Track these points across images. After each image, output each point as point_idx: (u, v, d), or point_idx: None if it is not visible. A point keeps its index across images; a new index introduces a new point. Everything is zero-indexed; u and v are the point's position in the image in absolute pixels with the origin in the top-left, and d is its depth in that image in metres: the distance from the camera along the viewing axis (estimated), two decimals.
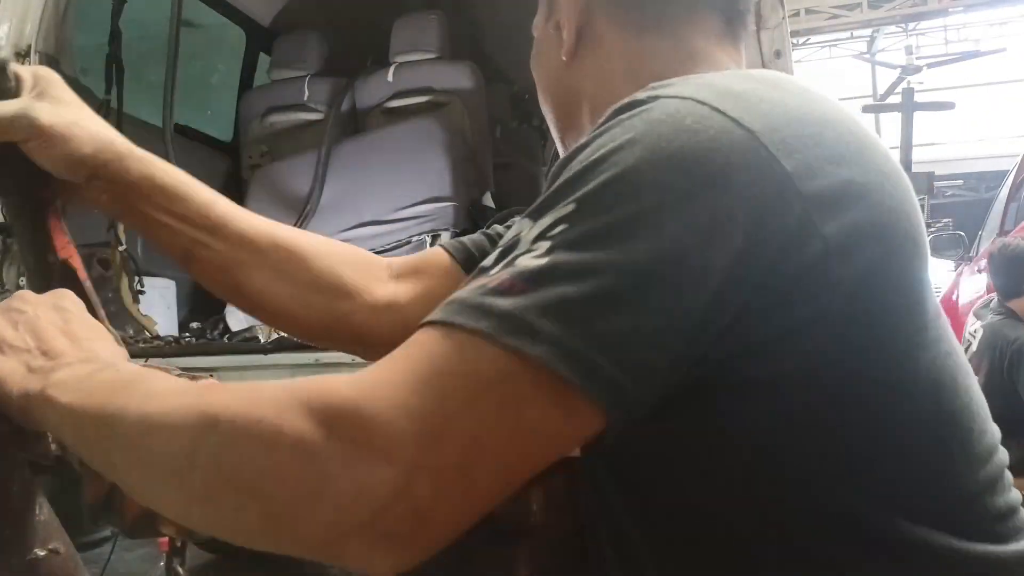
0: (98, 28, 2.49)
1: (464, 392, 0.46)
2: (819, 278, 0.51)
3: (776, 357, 0.52)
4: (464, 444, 0.46)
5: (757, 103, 0.54)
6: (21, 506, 0.59)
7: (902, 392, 0.55)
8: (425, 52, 3.26)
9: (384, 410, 0.45)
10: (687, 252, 0.48)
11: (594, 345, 0.46)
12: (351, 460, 0.44)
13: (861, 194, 0.54)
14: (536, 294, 0.46)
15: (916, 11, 11.10)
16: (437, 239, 2.86)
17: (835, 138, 0.55)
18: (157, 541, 1.73)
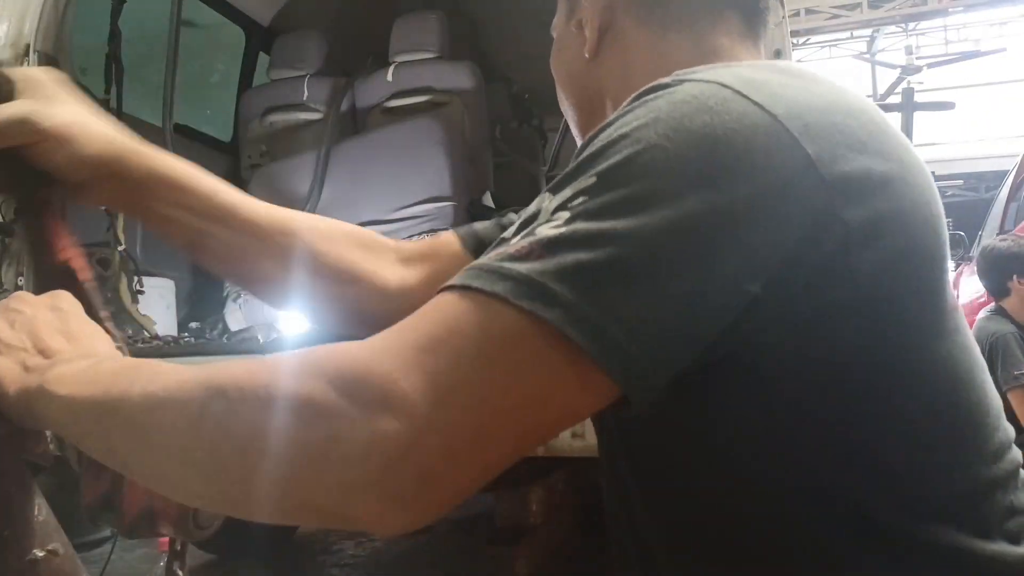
0: (98, 28, 2.49)
1: (478, 353, 0.46)
2: (840, 265, 0.51)
3: (796, 344, 0.52)
4: (475, 404, 0.45)
5: (780, 90, 0.54)
6: (20, 506, 0.59)
7: (919, 382, 0.55)
8: (425, 52, 3.26)
9: (396, 368, 0.45)
10: (704, 230, 0.48)
11: (607, 313, 0.46)
12: (361, 417, 0.44)
13: (883, 182, 0.53)
14: (553, 260, 0.47)
15: (916, 11, 11.11)
16: None
17: (858, 127, 0.55)
18: (156, 541, 1.73)
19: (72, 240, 0.74)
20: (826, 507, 0.55)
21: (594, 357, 0.46)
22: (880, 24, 11.90)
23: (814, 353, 0.52)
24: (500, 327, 0.46)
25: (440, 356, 0.46)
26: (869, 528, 0.54)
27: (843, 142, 0.53)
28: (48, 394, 0.54)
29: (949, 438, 0.57)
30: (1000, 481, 0.59)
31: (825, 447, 0.54)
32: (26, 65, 2.27)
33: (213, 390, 0.48)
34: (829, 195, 0.50)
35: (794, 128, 0.51)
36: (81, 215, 2.47)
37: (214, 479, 0.49)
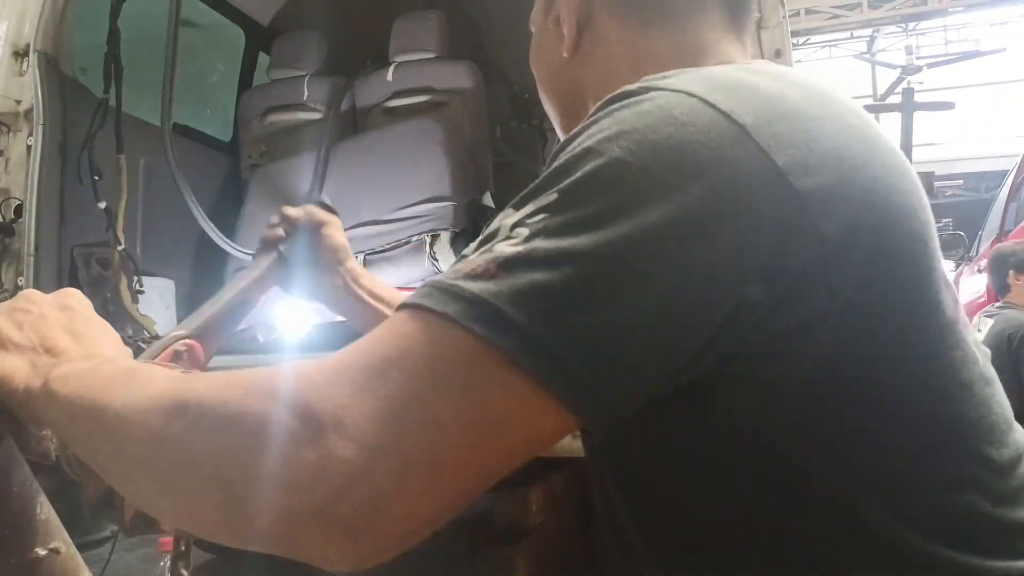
0: (97, 27, 2.48)
1: (429, 375, 0.44)
2: (818, 278, 0.50)
3: (776, 357, 0.51)
4: (428, 426, 0.43)
5: (752, 96, 0.52)
6: (22, 505, 0.59)
7: (908, 395, 0.54)
8: (425, 52, 3.26)
9: (347, 392, 0.44)
10: (667, 245, 0.46)
11: (564, 340, 0.44)
12: (310, 440, 0.42)
13: (863, 190, 0.52)
14: (508, 280, 0.45)
15: (916, 11, 11.10)
16: (436, 239, 2.85)
17: (835, 132, 0.53)
18: (157, 541, 1.73)
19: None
20: (817, 520, 0.53)
21: (549, 388, 0.44)
22: (880, 24, 11.90)
23: (798, 366, 0.51)
24: (452, 349, 0.44)
25: (391, 379, 0.44)
26: (865, 540, 0.53)
27: (819, 149, 0.51)
28: (50, 393, 0.54)
29: (945, 452, 0.55)
30: (1010, 495, 0.57)
31: (812, 459, 0.53)
32: (25, 65, 2.27)
33: (178, 405, 0.47)
34: (802, 207, 0.49)
35: (763, 139, 0.50)
36: (81, 214, 2.47)
37: (174, 495, 0.48)
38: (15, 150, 2.25)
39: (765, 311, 0.49)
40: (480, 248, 0.49)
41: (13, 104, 2.27)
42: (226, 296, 0.79)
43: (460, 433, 0.44)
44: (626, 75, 0.61)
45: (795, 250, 0.49)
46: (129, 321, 2.40)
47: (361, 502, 0.42)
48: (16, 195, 2.22)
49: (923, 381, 0.54)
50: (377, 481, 0.42)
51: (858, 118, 0.57)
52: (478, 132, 3.27)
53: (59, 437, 0.62)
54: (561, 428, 0.47)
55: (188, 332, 0.70)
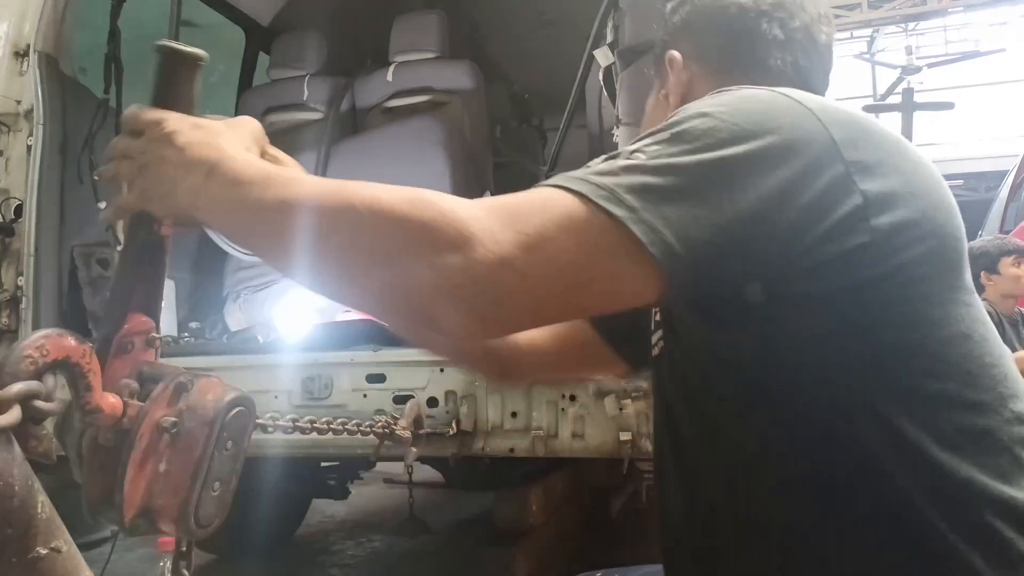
0: (97, 27, 2.49)
1: (559, 226, 0.60)
2: (859, 221, 0.64)
3: (828, 277, 0.65)
4: (549, 258, 0.59)
5: (813, 97, 0.71)
6: (23, 504, 0.59)
7: (933, 327, 0.67)
8: (425, 51, 3.26)
9: (497, 221, 0.59)
10: (745, 171, 0.63)
11: (660, 220, 0.60)
12: (464, 246, 0.58)
13: (896, 169, 0.68)
14: (627, 178, 0.62)
15: (916, 11, 11.10)
16: None
17: (878, 133, 0.71)
18: (157, 541, 1.73)
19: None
20: (859, 428, 0.65)
21: (648, 249, 0.60)
22: (880, 24, 11.90)
23: (841, 285, 0.65)
24: (580, 214, 0.61)
25: (531, 223, 0.60)
26: (900, 451, 0.65)
27: (864, 138, 0.68)
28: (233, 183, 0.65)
29: (964, 381, 0.68)
30: (1019, 440, 0.68)
31: (855, 371, 0.66)
32: (25, 65, 2.27)
33: (352, 201, 0.61)
34: (848, 170, 0.65)
35: (824, 118, 0.67)
36: (81, 214, 2.47)
37: (349, 271, 0.63)
38: (15, 150, 2.25)
39: (815, 236, 0.63)
40: (604, 163, 0.65)
41: (13, 104, 2.27)
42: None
43: (572, 271, 0.61)
44: None
45: (841, 198, 0.64)
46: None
47: (489, 296, 0.59)
48: (16, 195, 2.23)
49: (946, 318, 0.68)
50: (505, 285, 0.59)
51: (889, 131, 0.74)
52: (478, 132, 3.27)
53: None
54: (648, 287, 0.62)
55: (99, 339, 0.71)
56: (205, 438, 0.71)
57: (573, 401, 1.78)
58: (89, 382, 0.65)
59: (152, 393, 0.71)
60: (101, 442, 0.69)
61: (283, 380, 1.98)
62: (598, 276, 0.62)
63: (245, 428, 0.76)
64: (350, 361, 1.95)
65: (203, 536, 0.74)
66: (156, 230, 0.77)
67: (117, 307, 0.75)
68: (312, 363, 1.96)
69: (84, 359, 0.65)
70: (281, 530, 3.45)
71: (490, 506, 2.74)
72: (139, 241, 0.77)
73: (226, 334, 2.87)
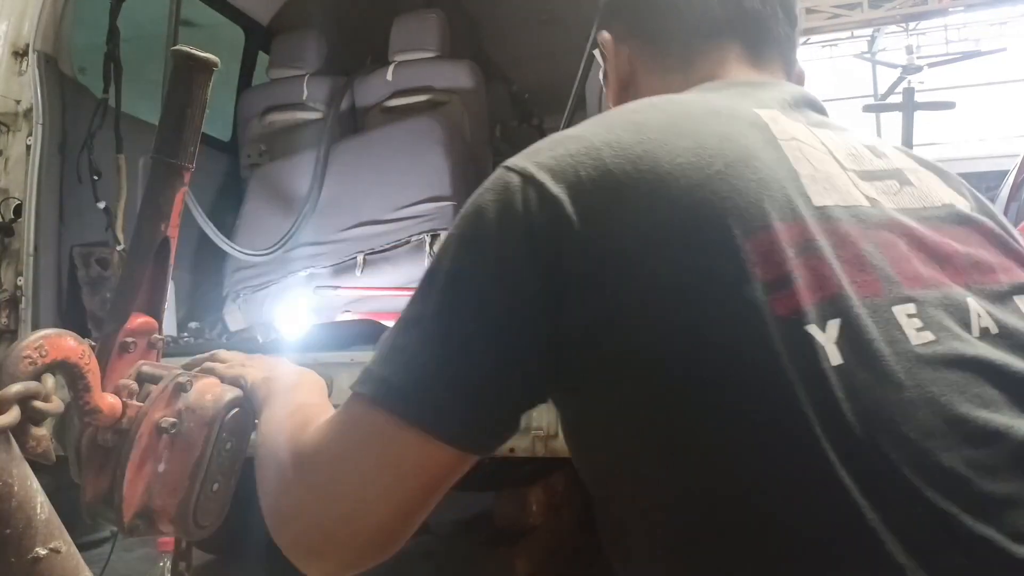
0: (97, 27, 2.48)
1: (345, 439, 0.63)
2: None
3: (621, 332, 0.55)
4: (354, 483, 0.60)
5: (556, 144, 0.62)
6: (22, 505, 0.59)
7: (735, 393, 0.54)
8: (424, 51, 3.26)
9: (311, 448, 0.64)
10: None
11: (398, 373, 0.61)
12: (293, 488, 0.64)
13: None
14: (379, 351, 0.64)
15: (916, 11, 11.10)
16: (436, 239, 2.85)
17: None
18: (157, 541, 1.73)
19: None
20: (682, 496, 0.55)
21: (398, 414, 0.59)
22: (880, 24, 11.89)
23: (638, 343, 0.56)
24: (356, 415, 0.64)
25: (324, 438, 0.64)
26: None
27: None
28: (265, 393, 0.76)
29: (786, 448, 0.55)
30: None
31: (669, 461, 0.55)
32: (25, 65, 2.27)
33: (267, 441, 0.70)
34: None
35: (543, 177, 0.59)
36: (80, 214, 2.46)
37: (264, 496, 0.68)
38: (15, 150, 2.25)
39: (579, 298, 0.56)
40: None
41: (13, 104, 2.27)
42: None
43: (377, 482, 0.60)
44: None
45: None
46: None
47: (320, 535, 0.61)
48: (16, 195, 2.22)
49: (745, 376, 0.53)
50: (328, 520, 0.61)
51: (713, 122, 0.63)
52: (478, 132, 3.27)
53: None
54: (434, 455, 0.59)
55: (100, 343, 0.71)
56: (204, 438, 0.71)
57: None
58: (88, 382, 0.65)
59: (151, 393, 0.71)
60: (100, 442, 0.69)
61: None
62: (400, 473, 0.60)
63: (244, 428, 0.76)
64: (350, 361, 1.94)
65: (202, 536, 0.74)
66: (162, 230, 0.77)
67: (121, 306, 0.75)
68: (312, 363, 1.96)
69: (83, 359, 0.65)
70: None
71: (490, 506, 2.74)
72: (145, 241, 0.77)
73: (226, 334, 2.87)
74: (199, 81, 0.75)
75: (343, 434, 0.62)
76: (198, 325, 2.92)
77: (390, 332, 0.63)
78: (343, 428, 0.62)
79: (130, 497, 0.67)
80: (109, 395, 0.68)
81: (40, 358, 0.61)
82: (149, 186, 0.78)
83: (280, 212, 3.05)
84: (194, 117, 0.77)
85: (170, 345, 2.28)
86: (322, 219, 3.01)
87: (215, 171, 3.39)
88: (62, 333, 0.64)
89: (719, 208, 0.55)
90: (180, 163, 0.78)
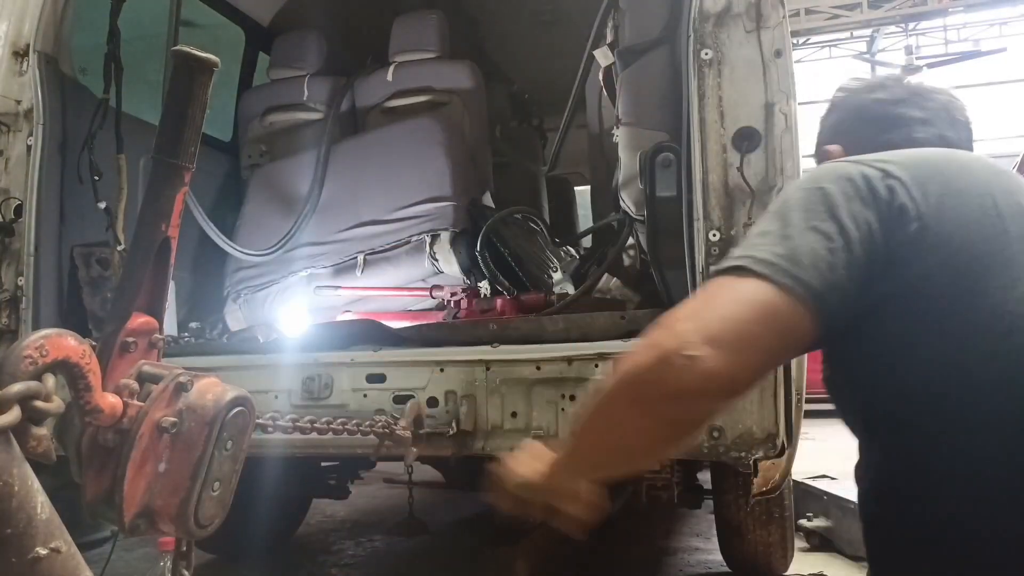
0: (97, 27, 2.48)
1: (720, 297, 0.84)
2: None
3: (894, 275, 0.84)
4: (734, 333, 0.80)
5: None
6: (23, 505, 0.59)
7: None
8: (425, 51, 3.26)
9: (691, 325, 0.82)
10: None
11: (767, 253, 0.83)
12: (663, 339, 0.81)
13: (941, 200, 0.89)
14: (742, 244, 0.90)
15: (916, 11, 11.11)
16: (436, 239, 2.85)
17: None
18: (157, 540, 1.72)
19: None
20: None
21: (784, 289, 0.81)
22: (880, 24, 11.90)
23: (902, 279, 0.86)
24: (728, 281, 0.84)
25: (708, 308, 0.83)
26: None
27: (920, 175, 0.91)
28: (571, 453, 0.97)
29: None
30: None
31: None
32: (25, 65, 2.27)
33: (608, 387, 0.87)
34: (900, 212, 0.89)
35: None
36: (81, 214, 2.46)
37: (623, 418, 0.86)
38: (15, 150, 2.25)
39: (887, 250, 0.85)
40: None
41: (13, 104, 2.27)
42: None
43: (742, 318, 0.81)
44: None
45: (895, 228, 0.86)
46: None
47: (691, 371, 0.78)
48: (16, 195, 2.23)
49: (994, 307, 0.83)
50: (711, 363, 0.78)
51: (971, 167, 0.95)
52: (478, 132, 3.27)
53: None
54: (803, 327, 0.82)
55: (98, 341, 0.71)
56: (205, 438, 0.71)
57: (573, 401, 1.78)
58: (89, 382, 0.66)
59: (152, 393, 0.71)
60: (101, 442, 0.69)
61: (283, 380, 1.98)
62: (764, 328, 0.81)
63: (245, 428, 0.76)
64: (350, 361, 1.95)
65: (203, 536, 0.74)
66: (163, 230, 0.77)
67: (122, 306, 0.75)
68: (312, 363, 1.96)
69: (84, 359, 0.65)
70: (281, 530, 3.45)
71: (490, 506, 2.74)
72: (145, 241, 0.77)
73: (226, 334, 2.87)
74: (200, 81, 0.75)
75: (717, 287, 0.84)
76: (198, 325, 2.92)
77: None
78: (714, 285, 0.85)
79: (131, 497, 0.67)
80: (110, 395, 0.68)
81: (41, 358, 0.61)
82: (150, 186, 0.78)
83: (280, 212, 3.05)
84: (195, 117, 0.77)
85: (170, 345, 2.28)
86: (322, 219, 3.01)
87: (216, 171, 3.39)
88: (63, 333, 0.64)
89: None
90: (181, 163, 0.78)
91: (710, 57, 1.79)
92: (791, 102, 1.77)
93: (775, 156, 1.76)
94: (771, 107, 1.76)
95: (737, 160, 1.76)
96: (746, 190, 1.75)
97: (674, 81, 1.97)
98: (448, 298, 2.80)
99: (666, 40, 2.07)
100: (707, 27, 1.80)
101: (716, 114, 1.78)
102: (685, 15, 1.86)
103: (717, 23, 1.80)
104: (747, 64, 1.78)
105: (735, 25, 1.80)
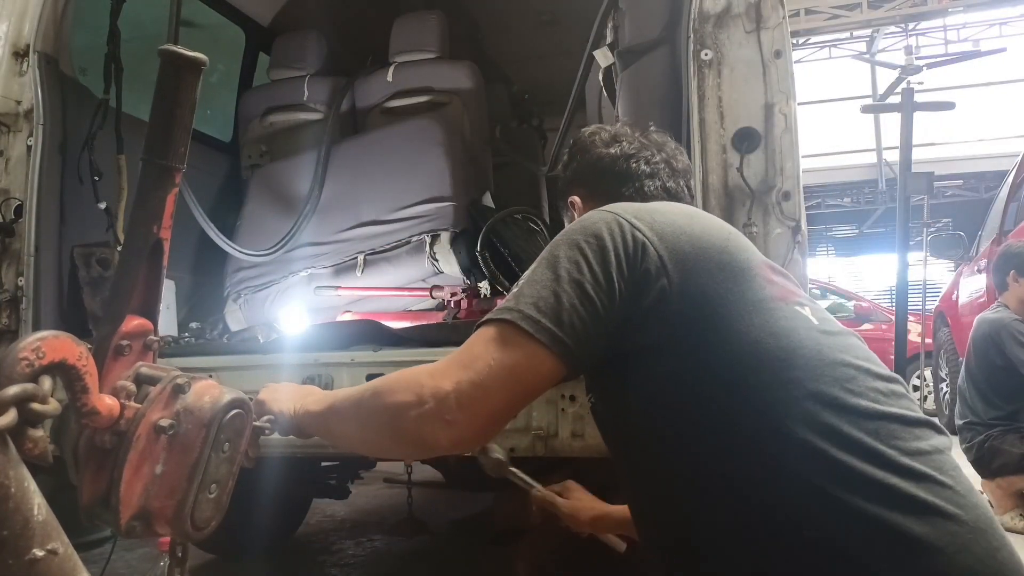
0: (97, 27, 2.48)
1: (485, 358, 0.90)
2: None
3: (646, 330, 0.92)
4: (477, 373, 0.89)
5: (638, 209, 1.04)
6: (19, 506, 0.59)
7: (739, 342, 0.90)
8: (425, 52, 3.26)
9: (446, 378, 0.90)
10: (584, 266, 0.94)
11: (531, 307, 0.91)
12: (428, 395, 0.89)
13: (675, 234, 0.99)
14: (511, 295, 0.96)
15: (916, 11, 11.09)
16: (436, 239, 2.85)
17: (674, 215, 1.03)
18: (157, 541, 1.72)
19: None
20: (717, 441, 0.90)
21: (527, 332, 0.89)
22: (880, 24, 11.88)
23: (660, 336, 0.93)
24: (491, 334, 0.92)
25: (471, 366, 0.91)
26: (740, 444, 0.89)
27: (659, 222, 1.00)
28: (308, 411, 1.04)
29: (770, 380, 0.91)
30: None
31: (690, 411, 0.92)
32: (25, 66, 2.27)
33: (362, 397, 0.96)
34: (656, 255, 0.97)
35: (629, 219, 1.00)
36: (81, 214, 2.46)
37: (366, 433, 0.96)
38: (15, 150, 2.25)
39: (637, 303, 0.94)
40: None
41: (13, 104, 2.27)
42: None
43: (499, 378, 0.89)
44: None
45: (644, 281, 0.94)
46: None
47: (443, 419, 0.88)
48: (16, 195, 2.23)
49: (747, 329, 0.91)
50: (465, 430, 0.89)
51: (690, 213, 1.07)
52: (478, 132, 3.27)
53: (311, 432, 1.04)
54: (555, 376, 0.92)
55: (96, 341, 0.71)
56: (202, 440, 0.71)
57: (573, 401, 1.78)
58: (86, 384, 0.65)
59: (149, 395, 0.71)
60: (98, 444, 0.69)
61: (283, 380, 1.97)
62: (514, 375, 0.89)
63: (242, 430, 0.76)
64: (350, 361, 1.94)
65: (199, 538, 0.74)
66: (155, 232, 0.77)
67: (115, 309, 0.75)
68: (312, 363, 1.96)
69: (81, 361, 0.65)
70: (281, 530, 3.45)
71: (490, 506, 2.74)
72: (137, 244, 0.77)
73: (226, 334, 2.87)
74: (187, 81, 0.74)
75: (485, 341, 0.90)
76: (198, 325, 2.92)
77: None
78: (483, 338, 0.91)
79: (127, 499, 0.67)
80: (107, 396, 0.68)
81: (37, 360, 0.61)
82: (140, 188, 0.78)
83: (281, 213, 3.05)
84: (183, 117, 0.76)
85: (170, 345, 2.28)
86: (322, 219, 3.01)
87: (216, 172, 3.39)
88: (60, 335, 0.64)
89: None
90: (170, 164, 0.77)
91: (710, 57, 1.79)
92: (791, 102, 1.77)
93: (775, 157, 1.76)
94: (771, 108, 1.76)
95: (737, 160, 1.76)
96: (746, 190, 1.75)
97: (674, 81, 1.97)
98: (448, 298, 2.80)
99: (666, 41, 2.07)
100: (707, 27, 1.80)
101: (716, 114, 1.78)
102: (685, 16, 1.86)
103: (717, 24, 1.81)
104: (747, 65, 1.78)
105: (735, 26, 1.80)
